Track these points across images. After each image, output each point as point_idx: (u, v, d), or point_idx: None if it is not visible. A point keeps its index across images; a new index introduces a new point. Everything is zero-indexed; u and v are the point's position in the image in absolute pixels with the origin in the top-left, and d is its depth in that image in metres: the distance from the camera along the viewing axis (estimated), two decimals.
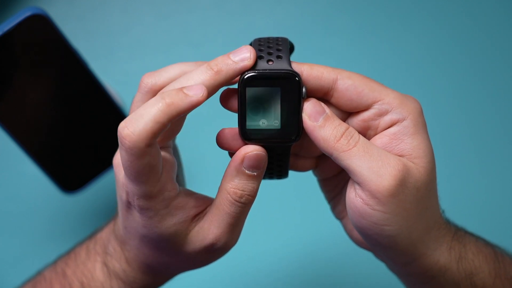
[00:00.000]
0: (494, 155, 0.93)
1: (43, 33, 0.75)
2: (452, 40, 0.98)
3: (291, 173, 0.59)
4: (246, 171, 0.54)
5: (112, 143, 0.83)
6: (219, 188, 0.55)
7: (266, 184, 0.90)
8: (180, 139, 0.94)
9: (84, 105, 0.80)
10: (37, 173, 0.90)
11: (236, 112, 0.55)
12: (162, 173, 0.53)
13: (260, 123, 0.54)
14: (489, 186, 0.92)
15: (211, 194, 0.59)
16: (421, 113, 0.55)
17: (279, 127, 0.54)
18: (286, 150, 0.55)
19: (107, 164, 0.83)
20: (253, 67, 0.54)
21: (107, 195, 0.92)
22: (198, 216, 0.56)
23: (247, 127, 0.54)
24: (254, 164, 0.54)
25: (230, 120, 0.63)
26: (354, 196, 0.54)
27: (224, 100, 0.55)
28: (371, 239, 0.55)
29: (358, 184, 0.53)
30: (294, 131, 0.54)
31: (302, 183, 0.88)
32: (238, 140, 0.55)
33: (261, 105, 0.54)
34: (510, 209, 0.91)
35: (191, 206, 0.55)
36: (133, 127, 0.51)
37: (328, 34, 0.98)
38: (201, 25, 0.98)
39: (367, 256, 0.68)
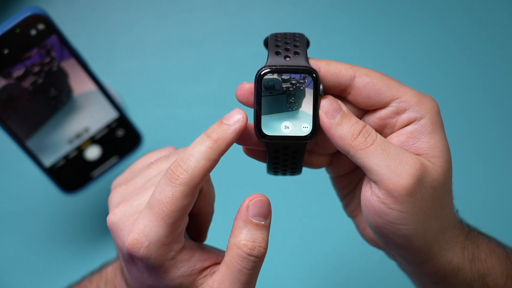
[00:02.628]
0: (502, 154, 0.93)
1: (43, 33, 0.75)
2: (453, 40, 0.98)
3: (303, 170, 0.58)
4: (254, 220, 0.53)
5: (112, 143, 0.83)
6: (227, 247, 0.53)
7: (277, 180, 0.90)
8: (179, 142, 0.94)
9: (84, 106, 0.80)
10: (37, 173, 0.90)
11: (252, 108, 0.54)
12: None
13: None
14: (499, 185, 0.92)
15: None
16: (438, 112, 0.54)
17: None
18: (301, 147, 0.55)
19: (107, 164, 0.83)
20: (269, 63, 0.53)
21: (107, 195, 0.92)
22: (206, 271, 0.54)
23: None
24: (260, 212, 0.53)
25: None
26: (370, 195, 0.53)
27: (241, 95, 0.54)
28: (386, 238, 0.55)
29: (375, 182, 0.53)
30: (311, 128, 0.54)
31: (314, 180, 0.88)
32: (253, 136, 0.55)
33: None
34: None
35: (197, 260, 0.54)
36: (186, 166, 0.51)
37: (328, 34, 0.98)
38: (201, 25, 0.98)
39: (379, 255, 0.68)
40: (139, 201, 0.53)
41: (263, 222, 0.53)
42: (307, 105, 0.54)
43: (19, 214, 0.90)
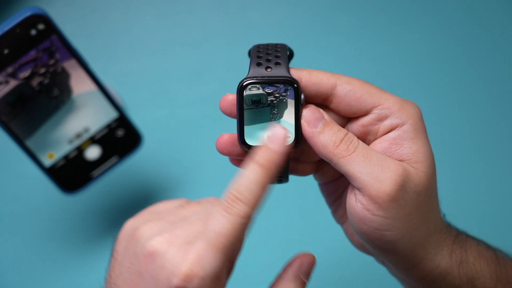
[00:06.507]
0: (494, 157, 0.93)
1: (43, 33, 0.75)
2: (453, 40, 0.98)
3: (292, 177, 0.59)
4: (302, 278, 0.53)
5: (112, 143, 0.83)
6: None
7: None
8: (179, 141, 0.94)
9: (84, 106, 0.80)
10: (37, 173, 0.90)
11: (235, 118, 0.55)
12: None
13: None
14: (490, 188, 0.92)
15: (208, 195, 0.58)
16: (421, 117, 0.55)
17: None
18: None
19: (107, 164, 0.83)
20: (251, 74, 0.54)
21: (107, 195, 0.92)
22: None
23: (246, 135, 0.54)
24: (308, 271, 0.53)
25: (228, 123, 0.63)
26: (354, 202, 0.54)
27: (224, 106, 0.55)
28: (372, 244, 0.55)
29: (358, 189, 0.53)
30: (293, 138, 0.54)
31: (304, 187, 0.88)
32: (237, 146, 0.55)
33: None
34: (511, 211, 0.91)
35: None
36: (244, 198, 0.49)
37: (328, 34, 0.98)
38: (201, 25, 0.98)
39: (369, 261, 0.68)
40: (186, 233, 0.50)
41: (306, 282, 0.53)
42: (289, 115, 0.54)
43: (19, 214, 0.90)
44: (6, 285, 0.89)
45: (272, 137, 0.51)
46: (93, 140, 0.82)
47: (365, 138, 0.55)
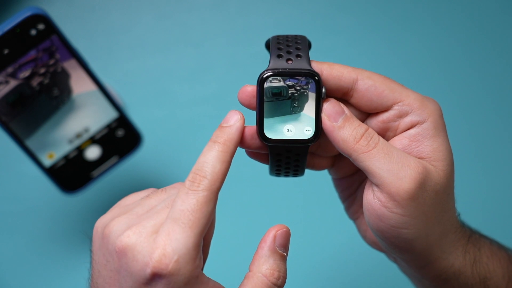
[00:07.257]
0: (497, 156, 0.93)
1: (43, 33, 0.75)
2: (453, 40, 0.98)
3: (305, 171, 0.58)
4: (279, 251, 0.53)
5: (112, 143, 0.83)
6: (248, 275, 0.52)
7: (278, 181, 0.90)
8: (179, 141, 0.94)
9: (84, 106, 0.80)
10: (37, 173, 0.90)
11: (254, 110, 0.54)
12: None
13: None
14: (501, 188, 0.92)
15: None
16: (441, 115, 0.54)
17: None
18: (303, 150, 0.55)
19: (107, 164, 0.83)
20: (272, 66, 0.53)
21: (107, 195, 0.92)
22: None
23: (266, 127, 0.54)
24: (284, 243, 0.53)
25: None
26: (372, 198, 0.53)
27: (243, 97, 0.54)
28: (388, 242, 0.55)
29: (377, 186, 0.53)
30: (313, 131, 0.54)
31: (316, 182, 0.88)
32: (256, 139, 0.55)
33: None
34: None
35: (213, 285, 0.52)
36: (203, 172, 0.50)
37: (328, 34, 0.98)
38: (201, 25, 0.98)
39: (380, 257, 0.68)
40: (153, 222, 0.51)
41: (285, 254, 0.53)
42: (309, 108, 0.53)
43: (19, 214, 0.90)
44: (6, 285, 0.89)
45: (226, 119, 0.53)
46: (93, 140, 0.82)
47: (384, 134, 0.55)
